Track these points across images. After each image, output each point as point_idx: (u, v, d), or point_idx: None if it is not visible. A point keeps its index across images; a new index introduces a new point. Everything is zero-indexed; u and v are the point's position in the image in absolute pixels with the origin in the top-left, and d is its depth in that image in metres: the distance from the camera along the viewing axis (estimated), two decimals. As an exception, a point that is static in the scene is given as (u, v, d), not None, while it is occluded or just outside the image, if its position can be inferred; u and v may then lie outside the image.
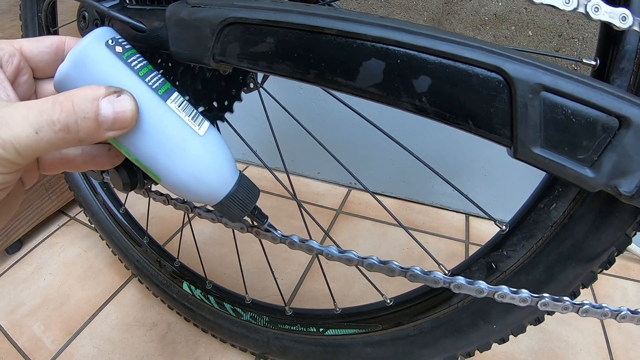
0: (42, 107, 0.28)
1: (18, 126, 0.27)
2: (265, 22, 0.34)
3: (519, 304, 0.42)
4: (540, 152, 0.30)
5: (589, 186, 0.31)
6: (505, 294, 0.42)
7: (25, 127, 0.27)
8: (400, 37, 0.30)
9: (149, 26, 0.41)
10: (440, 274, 0.45)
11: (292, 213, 1.14)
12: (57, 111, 0.28)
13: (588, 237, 0.41)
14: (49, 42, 0.36)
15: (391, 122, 0.57)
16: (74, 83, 0.32)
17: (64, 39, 0.36)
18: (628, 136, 0.29)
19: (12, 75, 0.34)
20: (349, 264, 0.47)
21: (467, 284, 0.44)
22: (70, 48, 0.34)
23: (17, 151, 0.27)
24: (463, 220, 1.15)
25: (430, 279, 0.45)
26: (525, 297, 0.42)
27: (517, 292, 0.42)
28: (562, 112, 0.29)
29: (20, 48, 0.34)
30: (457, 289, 0.44)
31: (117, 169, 0.42)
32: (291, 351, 0.68)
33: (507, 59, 0.29)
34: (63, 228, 1.11)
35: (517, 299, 0.42)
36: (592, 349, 0.81)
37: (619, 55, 0.35)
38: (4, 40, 0.34)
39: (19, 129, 0.27)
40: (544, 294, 0.42)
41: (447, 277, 0.45)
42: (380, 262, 0.47)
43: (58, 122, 0.28)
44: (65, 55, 0.33)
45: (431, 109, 0.31)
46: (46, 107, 0.28)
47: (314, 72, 0.33)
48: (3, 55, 0.33)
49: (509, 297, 0.42)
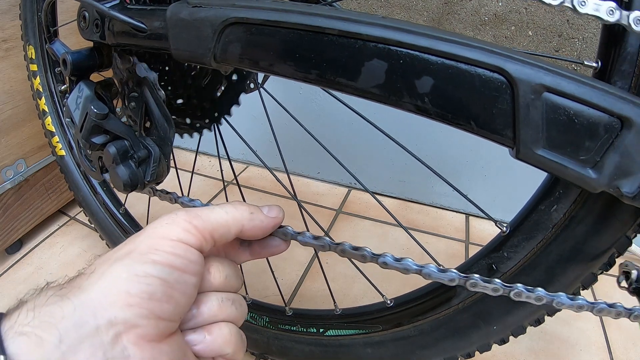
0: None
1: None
2: (267, 22, 0.34)
3: (535, 302, 0.41)
4: (542, 152, 0.30)
5: (591, 187, 0.31)
6: (521, 292, 0.41)
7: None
8: (402, 37, 0.30)
9: (150, 26, 0.41)
10: (455, 272, 0.44)
11: (292, 213, 1.13)
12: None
13: (588, 239, 0.41)
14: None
15: (391, 122, 0.57)
16: None
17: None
18: (630, 137, 0.29)
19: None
20: (363, 260, 0.46)
21: (483, 282, 0.43)
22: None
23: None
24: (463, 220, 1.15)
25: (445, 277, 0.44)
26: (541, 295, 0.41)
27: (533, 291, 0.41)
28: (564, 113, 0.29)
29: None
30: (473, 287, 0.43)
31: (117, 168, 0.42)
32: (291, 351, 0.68)
33: (509, 60, 0.29)
34: (63, 228, 1.11)
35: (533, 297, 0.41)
36: (592, 349, 0.81)
37: (621, 58, 0.35)
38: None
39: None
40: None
41: (463, 275, 0.44)
42: (395, 260, 0.45)
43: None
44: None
45: (433, 110, 0.31)
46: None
47: (315, 73, 0.33)
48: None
49: (525, 295, 0.41)
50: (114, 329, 0.28)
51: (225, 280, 0.37)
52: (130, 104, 0.48)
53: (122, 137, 0.46)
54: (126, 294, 0.29)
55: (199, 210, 0.36)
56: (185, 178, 0.77)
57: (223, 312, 0.36)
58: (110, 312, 0.28)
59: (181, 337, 0.34)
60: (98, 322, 0.28)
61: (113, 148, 0.45)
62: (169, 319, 0.31)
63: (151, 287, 0.30)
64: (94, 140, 0.46)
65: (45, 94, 0.86)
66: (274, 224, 0.40)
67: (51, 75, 0.86)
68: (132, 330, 0.29)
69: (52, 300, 0.29)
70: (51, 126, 0.87)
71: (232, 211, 0.37)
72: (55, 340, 0.26)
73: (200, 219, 0.35)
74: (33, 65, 0.85)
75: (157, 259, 0.31)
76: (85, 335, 0.27)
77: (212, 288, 0.36)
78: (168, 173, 0.48)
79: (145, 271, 0.31)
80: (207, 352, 0.35)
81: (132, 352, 0.29)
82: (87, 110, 0.45)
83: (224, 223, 0.36)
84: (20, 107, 0.93)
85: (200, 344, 0.35)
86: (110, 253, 0.33)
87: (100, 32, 0.46)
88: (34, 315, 0.27)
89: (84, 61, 0.48)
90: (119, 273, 0.30)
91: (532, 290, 0.41)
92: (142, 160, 0.45)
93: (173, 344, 0.32)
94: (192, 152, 1.39)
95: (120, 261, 0.31)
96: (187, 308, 0.33)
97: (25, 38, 0.84)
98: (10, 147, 0.93)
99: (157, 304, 0.30)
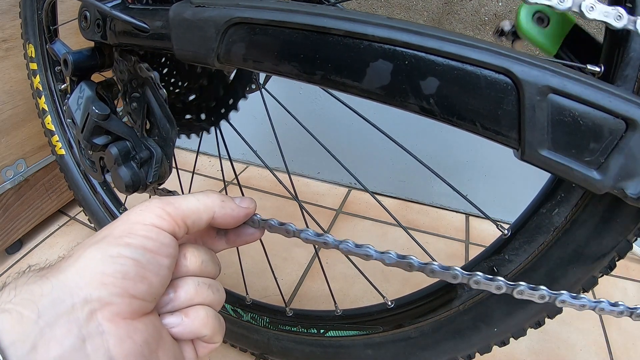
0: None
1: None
2: (271, 23, 0.33)
3: (538, 300, 0.41)
4: (547, 154, 0.30)
5: (595, 188, 0.31)
6: (523, 290, 0.41)
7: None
8: (408, 38, 0.30)
9: (152, 26, 0.41)
10: (459, 269, 0.43)
11: (293, 213, 1.14)
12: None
13: (590, 243, 0.41)
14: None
15: (391, 123, 0.57)
16: None
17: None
18: (635, 138, 0.29)
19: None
20: (367, 259, 0.45)
21: (486, 280, 0.43)
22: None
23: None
24: (463, 220, 1.15)
25: (449, 274, 0.44)
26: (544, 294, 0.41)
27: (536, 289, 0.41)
28: (569, 115, 0.29)
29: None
30: (476, 284, 0.43)
31: (119, 169, 0.42)
32: (291, 352, 0.68)
33: (515, 61, 0.29)
34: (63, 228, 1.11)
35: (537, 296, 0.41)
36: (592, 349, 0.81)
37: (624, 62, 0.35)
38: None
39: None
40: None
41: (467, 272, 0.43)
42: (399, 257, 0.45)
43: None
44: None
45: (439, 111, 0.31)
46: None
47: (320, 74, 0.33)
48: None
49: (527, 293, 0.41)
50: (89, 306, 0.30)
51: (201, 265, 0.39)
52: (132, 104, 0.48)
53: (123, 137, 0.45)
54: (101, 274, 0.31)
55: (172, 198, 0.38)
56: (185, 178, 0.76)
57: (199, 295, 0.38)
58: (86, 291, 0.30)
59: (157, 319, 0.35)
60: (74, 300, 0.29)
61: (115, 149, 0.44)
62: (143, 298, 0.32)
63: (125, 267, 0.32)
64: (95, 141, 0.45)
65: (45, 92, 0.86)
66: (245, 214, 0.42)
67: (51, 74, 0.85)
68: (107, 308, 0.30)
69: (32, 280, 0.30)
70: (51, 125, 0.87)
71: (203, 199, 0.38)
72: (34, 316, 0.28)
73: (172, 205, 0.36)
74: (33, 63, 0.85)
75: (130, 241, 0.33)
76: (61, 312, 0.29)
77: (188, 273, 0.38)
78: (170, 174, 0.47)
79: (119, 252, 0.32)
80: (185, 334, 0.36)
81: (106, 327, 0.30)
82: (89, 110, 0.45)
83: (195, 210, 0.37)
84: (20, 107, 0.93)
85: (177, 326, 0.36)
86: (88, 239, 0.34)
87: (101, 32, 0.46)
88: (15, 293, 0.29)
89: (85, 61, 0.48)
90: (94, 255, 0.32)
91: (535, 289, 0.41)
92: (144, 161, 0.45)
93: (148, 324, 0.33)
94: (192, 152, 1.39)
95: (96, 245, 0.33)
96: (161, 289, 0.35)
97: (25, 37, 0.84)
98: (10, 147, 0.93)
99: (130, 283, 0.32)
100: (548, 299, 0.41)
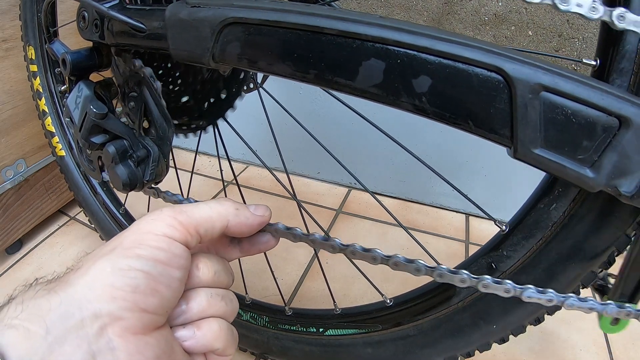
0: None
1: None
2: (265, 22, 0.34)
3: (545, 304, 0.41)
4: (540, 152, 0.30)
5: (589, 186, 0.31)
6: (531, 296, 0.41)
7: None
8: (400, 37, 0.30)
9: (149, 26, 0.41)
10: (466, 273, 0.43)
11: (292, 213, 1.14)
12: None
13: (588, 237, 0.41)
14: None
15: (391, 122, 0.57)
16: None
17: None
18: (628, 136, 0.29)
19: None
20: (374, 262, 0.45)
21: (494, 283, 0.42)
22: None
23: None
24: (463, 220, 1.15)
25: (457, 277, 0.44)
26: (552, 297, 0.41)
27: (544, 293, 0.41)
28: (562, 112, 0.29)
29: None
30: (485, 288, 0.43)
31: (116, 168, 0.42)
32: (291, 351, 0.68)
33: (507, 59, 0.29)
34: (63, 228, 1.11)
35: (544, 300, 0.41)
36: (592, 349, 0.81)
37: (619, 56, 0.35)
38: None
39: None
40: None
41: (475, 276, 0.43)
42: (406, 261, 0.45)
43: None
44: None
45: (431, 109, 0.31)
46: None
47: (313, 73, 0.33)
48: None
49: (535, 297, 0.41)
50: (99, 322, 0.29)
51: (214, 276, 0.37)
52: (130, 103, 0.48)
53: (121, 136, 0.46)
54: (110, 287, 0.30)
55: (183, 206, 0.36)
56: (185, 178, 0.77)
57: (212, 307, 0.36)
58: (95, 305, 0.29)
59: (169, 332, 0.34)
60: (83, 314, 0.29)
61: (112, 147, 0.45)
62: (154, 312, 0.31)
63: (135, 280, 0.31)
64: (93, 139, 0.46)
65: (45, 94, 0.86)
66: (260, 222, 0.40)
67: (51, 75, 0.86)
68: (117, 323, 0.29)
69: (40, 294, 0.29)
70: (51, 127, 0.87)
71: (216, 207, 0.37)
72: (42, 331, 0.27)
73: (184, 214, 0.35)
74: (33, 65, 0.85)
75: (141, 253, 0.32)
76: (71, 328, 0.28)
77: (201, 284, 0.37)
78: (167, 172, 0.48)
79: (129, 265, 0.31)
80: (197, 347, 0.35)
81: (116, 344, 0.29)
82: (87, 109, 0.45)
83: (208, 218, 0.36)
84: (20, 107, 0.93)
85: (190, 339, 0.35)
86: (97, 250, 0.33)
87: (99, 32, 0.46)
88: (22, 308, 0.28)
89: (83, 61, 0.48)
90: (104, 267, 0.31)
91: (543, 292, 0.41)
92: (141, 160, 0.46)
93: (160, 338, 0.32)
94: (191, 152, 1.39)
95: (106, 256, 0.32)
96: (173, 302, 0.34)
97: (25, 39, 0.84)
98: (10, 147, 0.93)
99: (141, 296, 0.31)
100: (556, 303, 0.40)
